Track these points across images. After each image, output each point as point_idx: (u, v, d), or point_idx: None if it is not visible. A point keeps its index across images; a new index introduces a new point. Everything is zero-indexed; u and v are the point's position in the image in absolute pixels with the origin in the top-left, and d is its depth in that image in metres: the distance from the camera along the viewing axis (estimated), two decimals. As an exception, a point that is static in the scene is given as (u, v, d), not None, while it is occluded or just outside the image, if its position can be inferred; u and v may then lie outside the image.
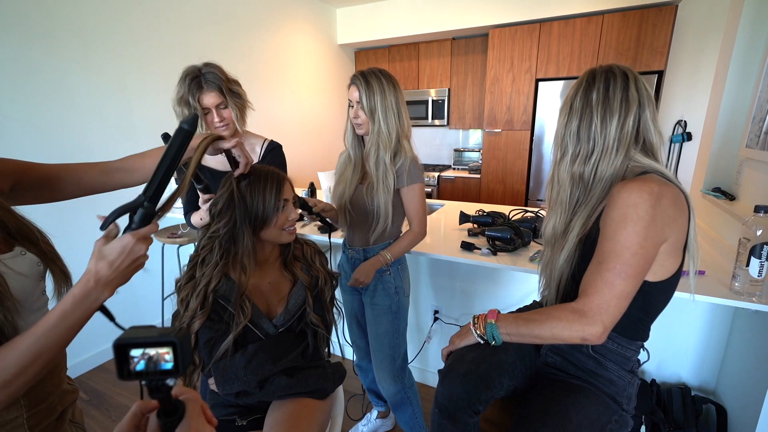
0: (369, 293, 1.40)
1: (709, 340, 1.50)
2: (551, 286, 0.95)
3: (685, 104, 3.02)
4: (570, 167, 0.88)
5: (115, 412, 1.90)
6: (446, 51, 3.90)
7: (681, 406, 1.44)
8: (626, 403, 0.87)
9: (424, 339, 1.98)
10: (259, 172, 0.98)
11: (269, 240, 1.01)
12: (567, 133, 0.87)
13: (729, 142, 1.81)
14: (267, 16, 3.20)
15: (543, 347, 0.97)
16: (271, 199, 0.96)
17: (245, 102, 1.46)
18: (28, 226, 0.75)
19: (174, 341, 0.43)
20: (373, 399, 1.78)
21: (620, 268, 0.74)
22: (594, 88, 0.84)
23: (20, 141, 1.85)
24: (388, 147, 1.25)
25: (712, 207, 1.76)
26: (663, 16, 2.83)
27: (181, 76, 1.35)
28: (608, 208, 0.77)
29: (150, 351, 0.44)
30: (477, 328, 0.91)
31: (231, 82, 1.42)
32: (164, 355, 0.44)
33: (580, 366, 0.90)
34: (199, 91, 1.33)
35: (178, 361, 0.44)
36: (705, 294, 1.18)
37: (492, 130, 3.64)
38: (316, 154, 3.95)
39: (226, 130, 1.42)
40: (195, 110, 1.34)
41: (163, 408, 0.46)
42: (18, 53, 1.80)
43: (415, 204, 1.31)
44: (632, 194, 0.74)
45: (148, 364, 0.44)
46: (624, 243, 0.74)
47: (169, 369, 0.44)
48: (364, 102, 1.23)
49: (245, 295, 0.96)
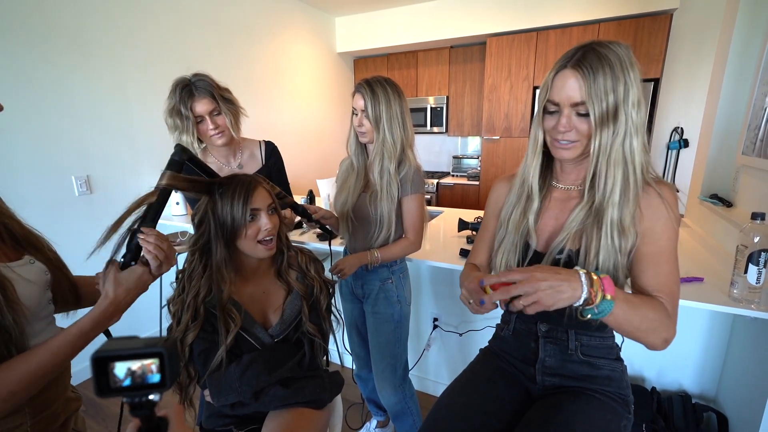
0: (370, 302, 1.39)
1: (709, 348, 1.50)
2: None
3: (682, 111, 3.04)
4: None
5: (111, 422, 1.88)
6: (444, 59, 3.93)
7: (682, 414, 1.43)
8: (628, 394, 0.88)
9: (424, 347, 1.97)
10: (231, 179, 0.94)
11: (247, 252, 0.96)
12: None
13: (726, 149, 1.82)
14: (266, 25, 3.23)
15: (537, 374, 0.92)
16: (239, 208, 0.90)
17: (238, 108, 1.45)
18: (35, 234, 0.77)
19: (161, 352, 0.40)
20: (372, 408, 1.76)
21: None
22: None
23: (19, 149, 1.85)
24: (392, 156, 1.25)
25: (710, 214, 1.76)
26: (658, 24, 2.86)
27: (171, 87, 1.34)
28: (663, 209, 0.77)
29: (134, 364, 0.40)
30: (592, 293, 0.65)
31: (222, 89, 1.41)
32: (150, 366, 0.40)
33: (576, 376, 0.89)
34: (191, 99, 1.32)
35: (165, 374, 0.40)
36: (704, 301, 1.17)
37: (490, 137, 3.65)
38: (315, 162, 3.96)
39: (221, 138, 1.40)
40: (187, 119, 1.33)
41: (145, 426, 0.43)
42: (16, 60, 1.81)
43: (413, 214, 1.31)
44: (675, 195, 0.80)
45: (133, 379, 0.40)
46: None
47: (155, 382, 0.41)
48: (369, 111, 1.23)
49: (229, 305, 0.93)
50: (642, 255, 0.78)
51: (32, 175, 1.90)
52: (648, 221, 0.77)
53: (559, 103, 0.77)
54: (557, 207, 0.88)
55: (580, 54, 0.74)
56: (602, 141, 0.74)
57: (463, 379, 0.98)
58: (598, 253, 0.77)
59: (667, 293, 0.76)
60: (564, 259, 0.81)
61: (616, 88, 0.72)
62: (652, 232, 0.77)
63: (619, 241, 0.77)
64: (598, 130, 0.74)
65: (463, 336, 1.86)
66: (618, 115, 0.73)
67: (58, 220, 2.01)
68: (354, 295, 1.47)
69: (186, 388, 0.93)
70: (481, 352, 1.07)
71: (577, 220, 0.81)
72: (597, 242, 0.78)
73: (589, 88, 0.72)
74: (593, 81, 0.72)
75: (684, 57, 2.95)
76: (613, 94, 0.72)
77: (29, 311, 0.68)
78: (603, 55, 0.72)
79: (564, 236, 0.81)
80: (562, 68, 0.75)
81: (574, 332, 0.89)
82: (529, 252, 0.88)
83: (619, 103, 0.72)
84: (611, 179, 0.76)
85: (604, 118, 0.73)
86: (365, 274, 1.38)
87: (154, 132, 2.38)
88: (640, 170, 0.76)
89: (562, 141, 0.79)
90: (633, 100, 0.73)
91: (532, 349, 0.93)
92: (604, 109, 0.72)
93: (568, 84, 0.74)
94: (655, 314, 0.72)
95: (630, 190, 0.76)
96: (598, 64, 0.72)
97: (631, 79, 0.72)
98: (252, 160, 1.57)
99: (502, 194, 0.97)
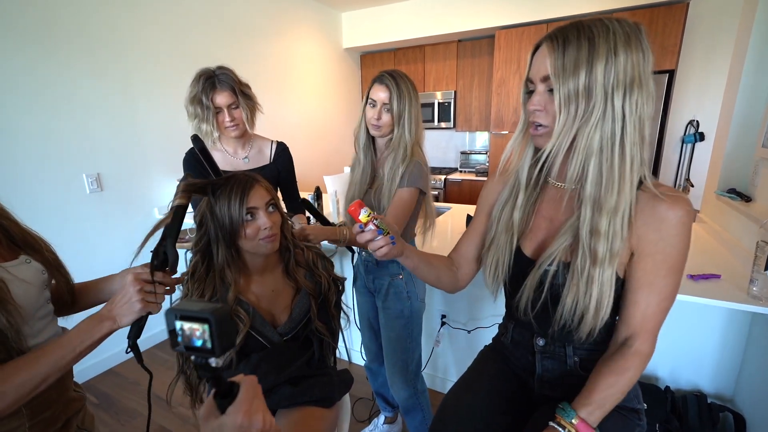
0: (381, 297, 1.38)
1: (726, 346, 1.46)
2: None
3: (698, 104, 2.96)
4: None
5: (123, 416, 1.90)
6: (452, 53, 3.88)
7: (697, 414, 1.40)
8: (638, 402, 0.83)
9: (432, 344, 1.96)
10: (228, 179, 0.92)
11: (251, 251, 0.94)
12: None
13: (744, 142, 1.77)
14: (272, 21, 3.22)
15: (536, 386, 0.88)
16: (236, 208, 0.88)
17: (255, 105, 1.50)
18: (32, 235, 0.76)
19: (208, 318, 0.40)
20: (381, 403, 1.76)
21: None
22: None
23: (31, 149, 1.88)
24: (406, 153, 1.24)
25: (727, 209, 1.71)
26: (673, 14, 2.78)
27: (194, 77, 1.38)
28: (672, 227, 0.69)
29: (185, 325, 0.41)
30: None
31: (243, 84, 1.45)
32: (195, 332, 0.41)
33: (577, 391, 0.80)
34: (213, 90, 1.37)
35: (214, 341, 0.40)
36: (721, 299, 1.14)
37: (499, 132, 3.61)
38: (322, 158, 3.95)
39: (236, 130, 1.45)
40: (207, 109, 1.37)
41: (217, 389, 0.45)
42: (25, 61, 1.83)
43: (397, 204, 1.23)
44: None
45: (184, 339, 0.41)
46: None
47: (200, 347, 0.41)
48: (393, 105, 1.20)
49: (237, 306, 0.92)
50: (634, 279, 0.71)
51: (44, 175, 1.92)
52: (650, 236, 0.68)
53: (533, 80, 0.69)
54: (551, 207, 0.80)
55: (563, 26, 0.65)
56: (566, 123, 0.65)
57: (469, 378, 0.96)
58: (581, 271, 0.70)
59: (649, 329, 0.71)
60: (553, 271, 0.74)
61: (592, 64, 0.61)
62: (654, 251, 0.68)
63: (591, 242, 0.68)
64: (562, 108, 0.64)
65: (472, 333, 1.85)
66: (591, 95, 0.63)
67: (70, 219, 2.04)
68: (367, 289, 1.47)
69: (196, 387, 0.93)
70: (486, 349, 1.04)
71: (570, 231, 0.72)
72: (577, 255, 0.71)
73: (555, 60, 0.64)
74: (562, 53, 0.63)
75: (700, 48, 2.86)
76: (585, 70, 0.62)
77: (24, 311, 0.68)
78: (585, 27, 0.63)
79: (554, 249, 0.74)
80: (541, 42, 0.68)
81: (571, 347, 0.82)
82: (521, 259, 0.82)
83: (595, 81, 0.62)
84: (579, 169, 0.68)
85: (571, 95, 0.63)
86: (375, 269, 1.37)
87: (162, 128, 2.40)
88: (630, 166, 0.65)
89: (537, 126, 0.71)
90: (617, 80, 0.62)
91: (530, 362, 0.88)
92: (572, 87, 0.63)
93: (540, 57, 0.67)
94: (626, 385, 0.71)
95: (612, 186, 0.66)
96: (573, 35, 0.63)
97: (621, 58, 0.61)
98: (260, 155, 1.58)
99: (493, 190, 0.91)
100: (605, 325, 0.74)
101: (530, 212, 0.83)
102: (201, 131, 1.42)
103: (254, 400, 0.46)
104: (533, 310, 0.79)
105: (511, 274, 0.84)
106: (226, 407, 0.45)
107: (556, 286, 0.75)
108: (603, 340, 0.79)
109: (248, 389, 0.46)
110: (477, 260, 0.96)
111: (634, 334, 0.72)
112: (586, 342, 0.78)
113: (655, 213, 0.68)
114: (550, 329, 0.79)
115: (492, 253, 0.86)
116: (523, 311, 0.80)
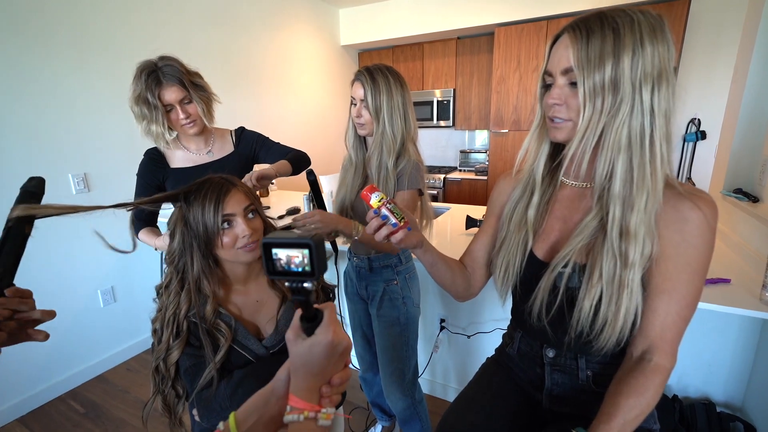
0: (375, 304, 1.32)
1: (736, 353, 1.41)
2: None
3: (699, 102, 2.91)
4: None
5: (111, 425, 1.84)
6: (451, 51, 3.82)
7: (706, 424, 1.35)
8: (654, 422, 0.77)
9: (431, 349, 1.90)
10: (201, 182, 0.83)
11: (230, 260, 0.87)
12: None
13: (751, 140, 1.71)
14: (269, 17, 3.15)
15: (545, 401, 0.82)
16: (210, 216, 0.80)
17: (210, 95, 1.35)
18: None
19: (309, 243, 0.45)
20: (377, 413, 1.70)
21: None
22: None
23: (18, 148, 1.81)
24: (392, 150, 1.17)
25: (734, 209, 1.66)
26: (675, 10, 2.73)
27: (135, 72, 1.23)
28: (696, 227, 0.65)
29: (285, 252, 0.46)
30: None
31: (192, 74, 1.31)
32: (293, 258, 0.46)
33: (589, 408, 0.74)
34: (158, 86, 1.22)
35: (314, 264, 0.45)
36: (732, 305, 1.09)
37: (499, 131, 3.55)
38: (318, 157, 3.87)
39: (193, 127, 1.31)
40: (155, 108, 1.22)
41: (305, 313, 0.51)
42: (12, 58, 1.75)
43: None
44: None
45: (282, 266, 0.47)
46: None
47: (301, 271, 0.46)
48: (369, 101, 1.15)
49: (217, 320, 0.84)
50: (652, 284, 0.66)
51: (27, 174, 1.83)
52: (671, 237, 0.64)
53: (552, 73, 0.65)
54: (566, 207, 0.75)
55: (585, 16, 0.62)
56: (592, 118, 0.61)
57: (470, 394, 0.90)
58: (602, 274, 0.65)
59: (669, 340, 0.66)
60: (568, 273, 0.69)
61: (618, 56, 0.58)
62: (676, 253, 0.63)
63: (621, 245, 0.63)
64: (586, 102, 0.61)
65: (471, 338, 1.79)
66: (618, 89, 0.59)
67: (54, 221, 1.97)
68: (359, 297, 1.40)
69: (174, 407, 0.85)
70: (488, 361, 0.98)
71: (586, 231, 0.68)
72: (602, 257, 0.65)
73: (578, 51, 0.60)
74: (585, 44, 0.59)
75: (702, 44, 2.81)
76: (612, 62, 0.58)
77: None
78: (608, 18, 0.60)
79: (569, 250, 0.69)
80: (561, 33, 0.64)
81: (584, 359, 0.76)
82: (533, 261, 0.77)
83: (622, 74, 0.59)
84: (607, 166, 0.64)
85: (597, 89, 0.60)
86: (369, 275, 1.31)
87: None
88: (660, 163, 0.61)
89: (555, 119, 0.67)
90: (645, 73, 0.59)
91: (538, 375, 0.82)
92: (597, 80, 0.59)
93: (561, 48, 0.63)
94: (648, 407, 0.64)
95: (642, 183, 0.62)
96: (597, 25, 0.59)
97: (648, 50, 0.58)
98: (223, 147, 1.47)
99: (504, 190, 0.87)
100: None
101: (543, 212, 0.78)
102: (151, 133, 1.28)
103: (336, 323, 0.52)
104: (548, 315, 0.73)
105: (523, 276, 0.79)
106: (314, 330, 0.50)
107: (571, 289, 0.70)
108: (620, 352, 0.73)
109: (332, 313, 0.52)
110: (488, 265, 0.90)
111: (653, 347, 0.67)
112: (603, 352, 0.71)
113: (678, 212, 0.63)
114: (565, 336, 0.73)
115: (503, 255, 0.81)
116: (537, 316, 0.75)
